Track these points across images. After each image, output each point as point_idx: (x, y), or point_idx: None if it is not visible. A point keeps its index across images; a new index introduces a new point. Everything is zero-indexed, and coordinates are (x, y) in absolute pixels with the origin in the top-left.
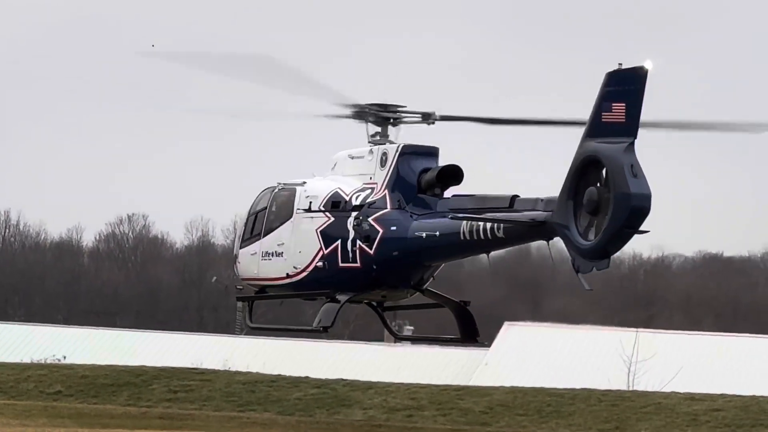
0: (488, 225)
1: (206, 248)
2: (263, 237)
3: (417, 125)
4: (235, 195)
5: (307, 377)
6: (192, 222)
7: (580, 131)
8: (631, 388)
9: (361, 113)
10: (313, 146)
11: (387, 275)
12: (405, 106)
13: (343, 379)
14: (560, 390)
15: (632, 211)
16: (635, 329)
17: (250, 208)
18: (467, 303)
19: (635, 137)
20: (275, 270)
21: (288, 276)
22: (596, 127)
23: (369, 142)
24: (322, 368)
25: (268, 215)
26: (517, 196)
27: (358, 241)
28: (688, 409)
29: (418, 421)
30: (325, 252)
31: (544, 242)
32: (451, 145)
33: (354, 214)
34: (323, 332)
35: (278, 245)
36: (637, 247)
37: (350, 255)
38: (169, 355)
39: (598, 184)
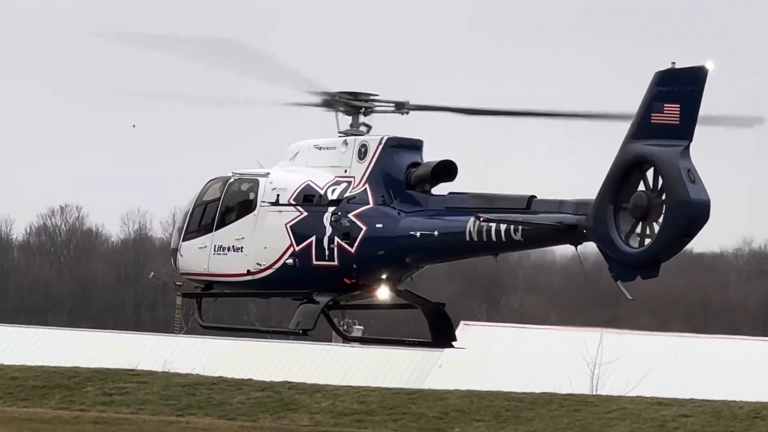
0: (503, 226)
1: (143, 242)
2: (216, 230)
3: (390, 115)
4: (174, 185)
5: (250, 379)
6: (128, 214)
7: (555, 122)
8: (594, 393)
9: (331, 101)
10: (261, 137)
11: (367, 275)
12: (377, 95)
13: (288, 382)
14: (519, 394)
15: (692, 218)
16: (599, 330)
17: (196, 198)
18: (443, 305)
19: (691, 140)
20: (232, 266)
21: (249, 273)
22: (644, 129)
23: (340, 132)
24: (267, 370)
25: (222, 206)
26: (534, 196)
27: (337, 239)
28: (656, 415)
29: (368, 427)
30: (297, 249)
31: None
32: (424, 136)
33: (331, 209)
34: (302, 335)
35: (236, 239)
36: None
37: (326, 253)
38: (103, 355)
39: (647, 189)
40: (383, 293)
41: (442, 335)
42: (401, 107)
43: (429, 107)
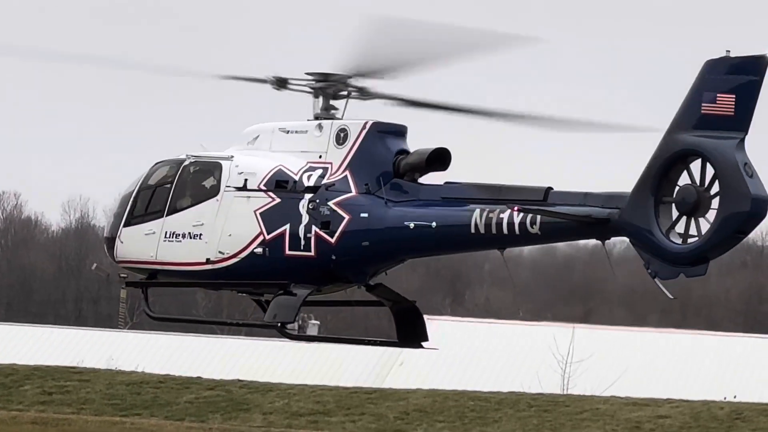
0: (518, 219)
1: (86, 231)
2: (167, 215)
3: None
4: (119, 171)
5: (199, 377)
6: (70, 201)
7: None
8: (565, 392)
9: (294, 83)
10: (208, 122)
11: (347, 268)
12: (351, 77)
13: (240, 380)
14: (485, 393)
15: (750, 215)
16: (571, 325)
17: (142, 181)
18: (414, 302)
19: (746, 133)
20: (188, 254)
21: (209, 261)
22: (693, 119)
23: (315, 116)
24: (217, 367)
25: (177, 190)
26: (551, 188)
27: (314, 228)
28: (630, 416)
29: (325, 428)
30: (267, 237)
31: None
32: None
33: (308, 196)
34: (280, 328)
35: (195, 226)
36: None
37: (302, 242)
38: (43, 352)
39: (692, 182)
40: (359, 287)
41: (411, 334)
42: (364, 93)
43: (389, 96)
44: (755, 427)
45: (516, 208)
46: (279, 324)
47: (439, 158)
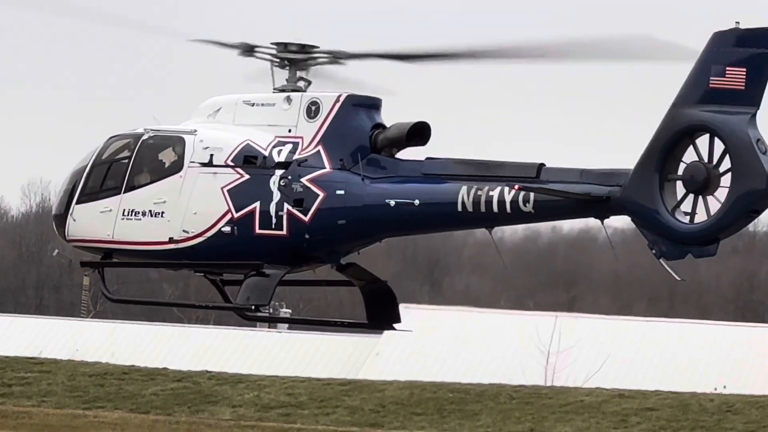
0: (509, 196)
1: (47, 216)
2: (125, 192)
3: (327, 67)
4: (81, 152)
5: (165, 369)
6: (30, 185)
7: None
8: (548, 383)
9: (261, 52)
10: (172, 96)
11: (321, 247)
12: (318, 47)
13: (208, 371)
14: (465, 385)
15: (765, 193)
16: (554, 313)
17: (95, 155)
18: (386, 282)
19: (758, 108)
20: (149, 233)
21: (172, 241)
22: (701, 94)
23: (277, 89)
24: (184, 358)
25: (134, 166)
26: (543, 164)
27: (287, 205)
28: (616, 408)
29: (297, 421)
30: (235, 215)
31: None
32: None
33: (279, 172)
34: (253, 312)
35: (156, 203)
36: None
37: (273, 221)
38: (2, 342)
39: (700, 159)
40: (332, 267)
41: (381, 314)
42: (337, 57)
43: (368, 54)
44: (747, 419)
45: (516, 187)
46: (253, 307)
47: (419, 132)
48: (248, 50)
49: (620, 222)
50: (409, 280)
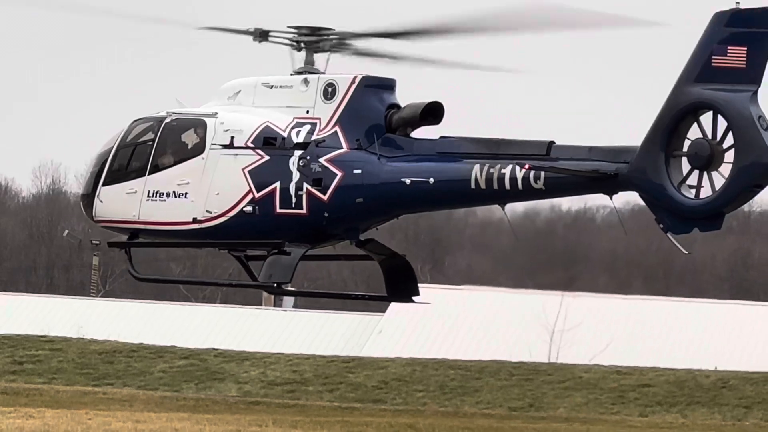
0: (521, 174)
1: (57, 197)
2: (149, 174)
3: (339, 52)
4: (91, 135)
5: (173, 346)
6: (41, 167)
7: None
8: (550, 360)
9: (276, 36)
10: (181, 82)
11: (340, 224)
12: (332, 29)
13: (214, 349)
14: (465, 362)
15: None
16: (558, 292)
17: (120, 138)
18: (404, 256)
19: (759, 86)
20: (173, 213)
21: (196, 221)
22: (704, 72)
23: (295, 71)
24: (191, 336)
25: (157, 149)
26: (553, 142)
27: (306, 185)
28: (614, 385)
29: (302, 398)
30: (256, 196)
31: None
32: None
33: (297, 153)
34: (275, 289)
35: (179, 185)
36: None
37: (293, 200)
38: (14, 320)
39: (704, 136)
40: (351, 243)
41: (401, 288)
42: (344, 39)
43: (371, 34)
44: (741, 395)
45: (527, 166)
46: (275, 284)
47: (433, 112)
48: (263, 35)
49: (617, 201)
50: (411, 259)
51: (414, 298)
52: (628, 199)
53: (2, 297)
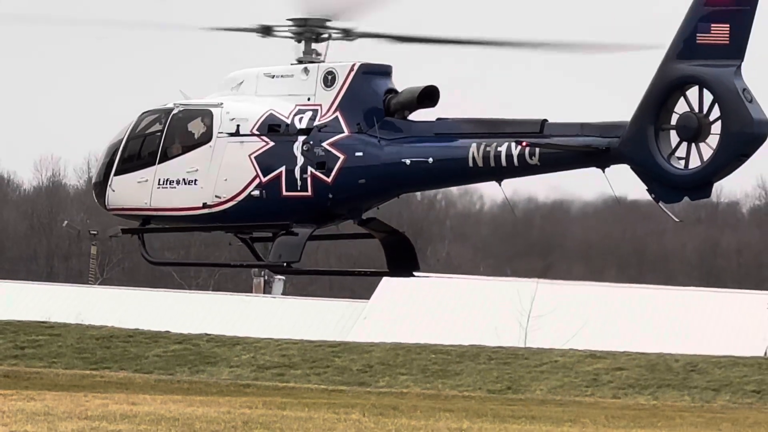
0: (516, 150)
1: (57, 190)
2: (159, 163)
3: (339, 42)
4: (90, 130)
5: (167, 332)
6: (41, 160)
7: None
8: (525, 345)
9: (278, 30)
10: (178, 75)
11: (343, 205)
12: (330, 21)
13: (207, 334)
14: (447, 347)
15: (754, 137)
16: (533, 280)
17: (130, 130)
18: (404, 233)
19: (742, 60)
20: (183, 199)
21: (205, 206)
22: (689, 49)
23: (298, 60)
24: (185, 322)
25: (167, 138)
26: (546, 120)
27: (310, 168)
28: (589, 368)
29: (290, 380)
30: (263, 180)
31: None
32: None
33: (301, 138)
34: (286, 268)
35: (189, 172)
36: (532, 188)
37: (298, 183)
38: (15, 307)
39: (691, 109)
40: (354, 222)
41: (401, 263)
42: (348, 34)
43: (375, 34)
44: (710, 378)
45: (524, 143)
46: (285, 264)
47: (429, 95)
48: (266, 31)
49: (591, 194)
50: None
51: (414, 272)
52: (602, 191)
53: (4, 285)
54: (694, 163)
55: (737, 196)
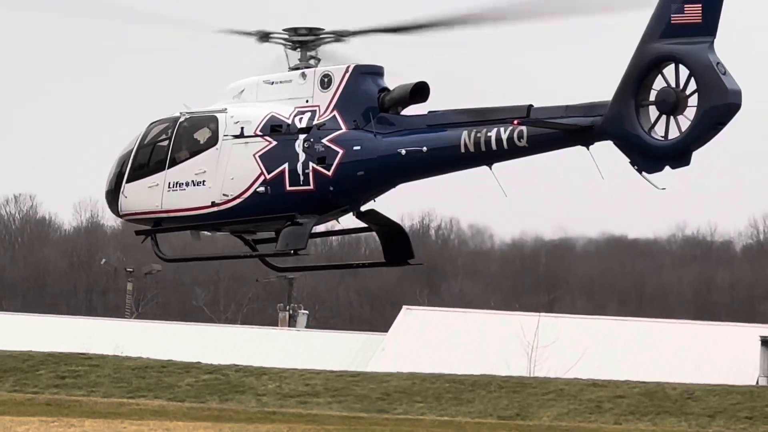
0: (505, 134)
1: (95, 230)
2: (169, 167)
3: (333, 46)
4: None
5: (198, 362)
6: (81, 203)
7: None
8: (532, 375)
9: (275, 37)
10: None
11: (344, 196)
12: (323, 29)
13: (235, 365)
14: (459, 376)
15: (728, 107)
16: (537, 314)
17: (139, 140)
18: (399, 224)
19: (715, 36)
20: (192, 200)
21: (214, 204)
22: (664, 30)
23: (292, 68)
24: (215, 353)
25: (174, 144)
26: (532, 105)
27: (311, 164)
28: (592, 396)
29: (313, 408)
30: (268, 177)
31: (448, 218)
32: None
33: (302, 136)
34: (293, 255)
35: (197, 174)
36: (539, 228)
37: (301, 178)
38: (56, 339)
39: (668, 85)
40: (354, 214)
41: (396, 253)
42: (341, 36)
43: (368, 30)
44: (705, 405)
45: (516, 122)
46: (292, 251)
47: (420, 91)
48: (264, 37)
49: (594, 232)
50: (411, 285)
51: (409, 260)
52: (604, 230)
53: (46, 319)
54: (674, 134)
55: (731, 234)
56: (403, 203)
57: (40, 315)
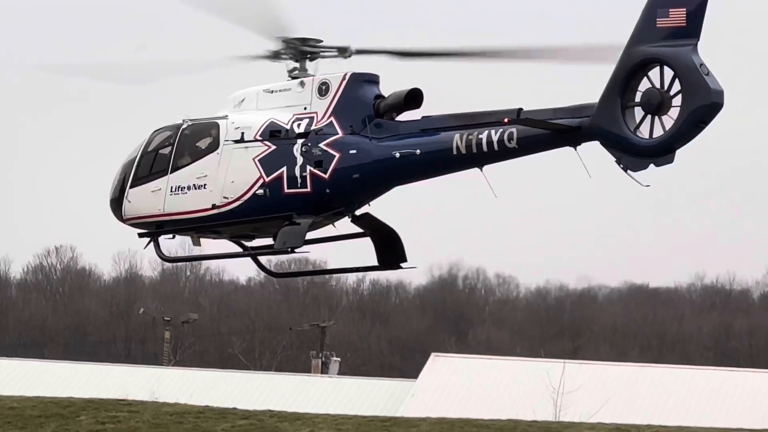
0: (496, 136)
1: (134, 280)
2: (171, 172)
3: (333, 60)
4: None
5: (234, 408)
6: (120, 254)
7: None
8: (557, 419)
9: (280, 50)
10: None
11: (340, 199)
12: (322, 41)
13: (270, 410)
14: (486, 421)
15: (711, 106)
16: (562, 360)
17: (143, 147)
18: (393, 228)
19: (698, 39)
20: (194, 203)
21: (215, 207)
22: (650, 33)
23: (290, 77)
24: (250, 399)
25: (177, 150)
26: (522, 108)
27: (309, 167)
28: None
29: None
30: (267, 180)
31: (475, 267)
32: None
33: (300, 141)
34: (290, 252)
35: (198, 178)
36: (563, 277)
37: (299, 181)
38: (96, 386)
39: (653, 86)
40: (349, 217)
41: (389, 256)
42: (344, 52)
43: (371, 51)
44: None
45: (506, 120)
46: (289, 249)
47: (414, 97)
48: (275, 55)
49: (616, 281)
50: (440, 332)
51: (402, 264)
52: (626, 279)
53: (86, 366)
54: (658, 134)
55: (749, 283)
56: (433, 253)
57: (80, 363)
